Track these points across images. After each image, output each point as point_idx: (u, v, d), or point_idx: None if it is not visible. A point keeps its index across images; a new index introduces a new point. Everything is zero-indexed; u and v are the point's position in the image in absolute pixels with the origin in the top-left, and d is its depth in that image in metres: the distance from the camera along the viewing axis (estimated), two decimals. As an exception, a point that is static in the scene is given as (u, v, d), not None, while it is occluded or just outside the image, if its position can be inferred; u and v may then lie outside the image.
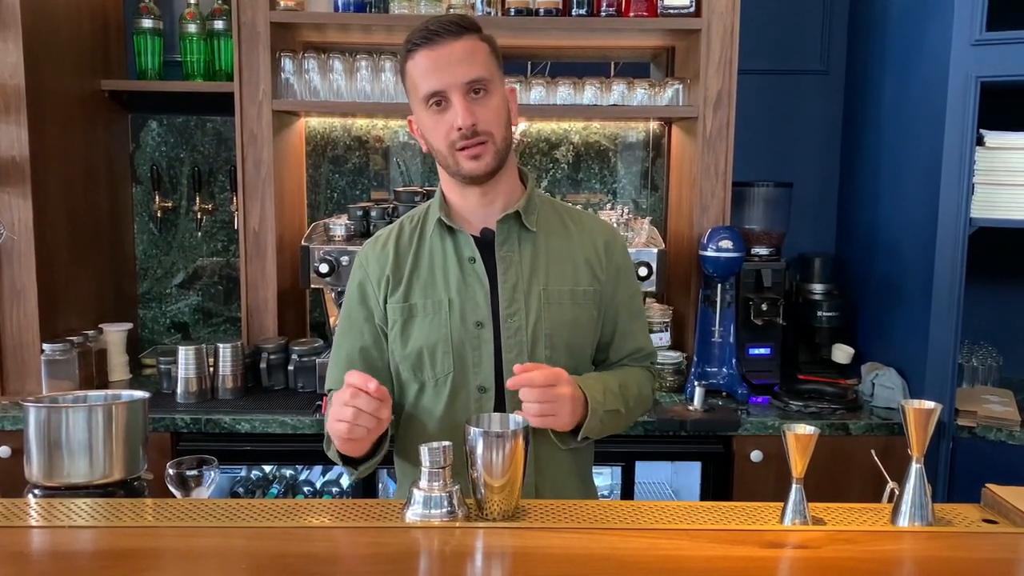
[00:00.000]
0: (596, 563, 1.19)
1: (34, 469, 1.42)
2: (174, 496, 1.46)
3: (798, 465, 1.31)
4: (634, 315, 1.74)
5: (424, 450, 1.30)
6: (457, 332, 1.58)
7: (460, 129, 1.50)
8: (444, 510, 1.30)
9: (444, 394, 1.59)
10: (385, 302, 1.63)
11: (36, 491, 1.44)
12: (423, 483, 1.31)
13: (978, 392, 2.60)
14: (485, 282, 1.59)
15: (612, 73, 3.16)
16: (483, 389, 1.59)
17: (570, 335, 1.63)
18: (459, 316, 1.59)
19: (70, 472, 1.42)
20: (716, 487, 2.46)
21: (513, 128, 1.62)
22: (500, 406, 1.58)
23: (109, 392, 1.57)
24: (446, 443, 1.31)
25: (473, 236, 1.62)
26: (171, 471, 1.45)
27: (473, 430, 1.31)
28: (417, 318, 1.60)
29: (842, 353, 2.82)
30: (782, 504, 1.34)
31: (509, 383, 1.45)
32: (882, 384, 2.54)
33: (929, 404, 1.31)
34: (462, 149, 1.52)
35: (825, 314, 2.84)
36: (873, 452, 1.54)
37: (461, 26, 1.52)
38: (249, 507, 1.37)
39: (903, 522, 1.32)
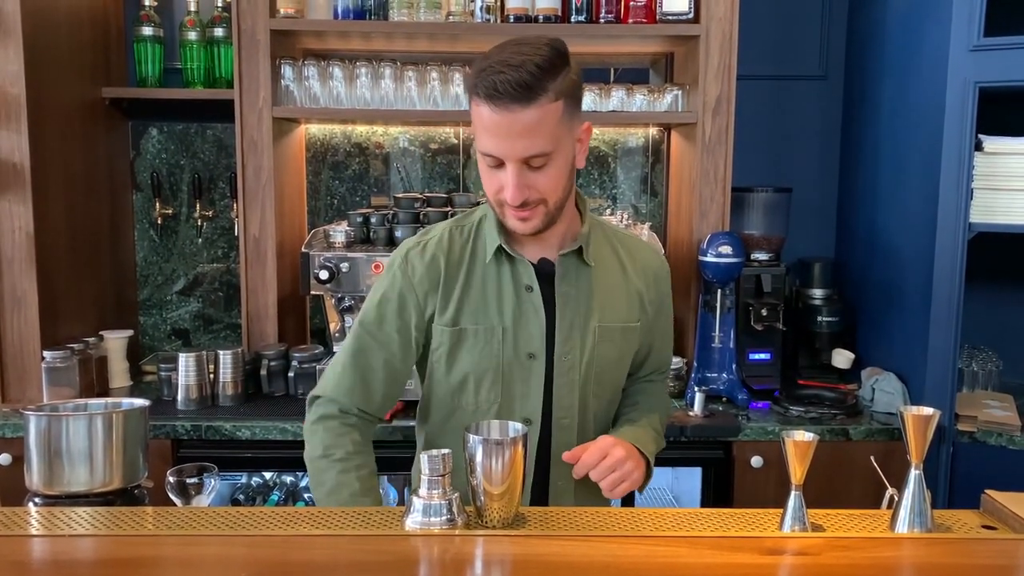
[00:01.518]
0: (596, 571, 1.19)
1: (34, 477, 1.42)
2: (174, 504, 1.46)
3: (797, 472, 1.31)
4: (667, 338, 1.75)
5: (424, 458, 1.30)
6: (508, 361, 1.54)
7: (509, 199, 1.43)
8: (444, 518, 1.30)
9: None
10: (431, 319, 1.55)
11: (36, 499, 1.44)
12: (423, 491, 1.31)
13: (978, 397, 2.60)
14: (541, 313, 1.54)
15: (611, 79, 3.17)
16: (528, 421, 1.55)
17: (614, 371, 1.64)
18: (512, 345, 1.54)
19: (70, 480, 1.42)
20: (717, 493, 2.46)
21: (578, 168, 1.54)
22: (545, 439, 1.58)
23: (109, 400, 1.57)
24: (445, 451, 1.31)
25: (532, 262, 1.55)
26: (171, 479, 1.45)
27: (472, 437, 1.31)
28: (466, 343, 1.54)
29: (842, 358, 2.82)
30: (781, 511, 1.34)
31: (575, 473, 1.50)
32: (882, 389, 2.54)
33: (928, 410, 1.31)
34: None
35: (825, 319, 2.84)
36: (872, 459, 1.54)
37: (531, 88, 1.35)
38: (250, 515, 1.37)
39: (902, 528, 1.32)
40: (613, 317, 1.59)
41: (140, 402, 1.52)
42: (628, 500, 2.50)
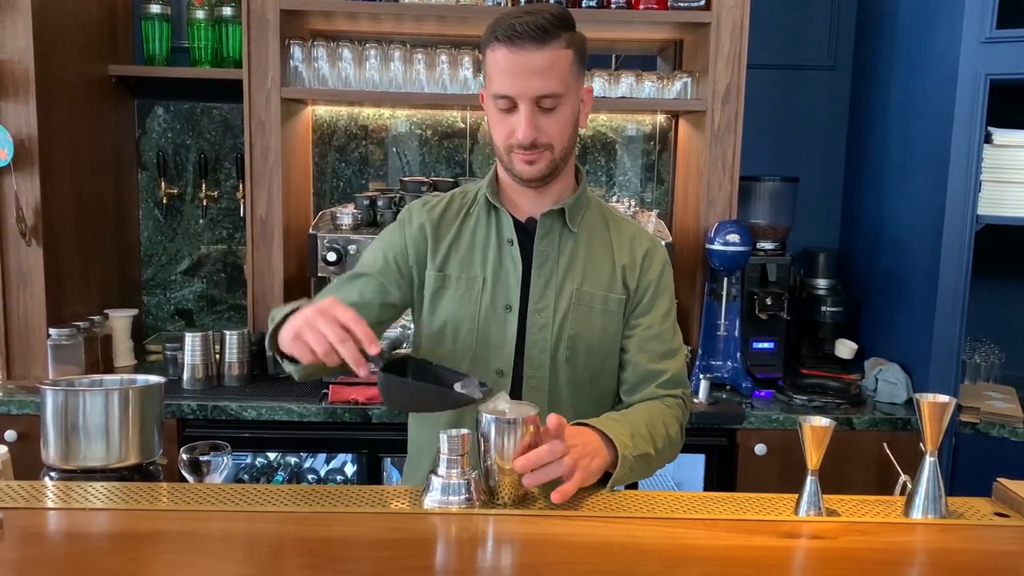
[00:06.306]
0: (615, 551, 1.20)
1: (51, 452, 1.42)
2: (186, 481, 1.46)
3: (813, 457, 1.32)
4: (667, 339, 1.65)
5: (443, 437, 1.31)
6: (485, 311, 1.59)
7: (520, 140, 1.49)
8: (462, 496, 1.31)
9: None
10: (424, 264, 1.62)
11: (52, 474, 1.44)
12: (441, 470, 1.32)
13: (980, 388, 2.62)
14: (519, 267, 1.59)
15: (614, 66, 3.16)
16: (501, 373, 1.59)
17: (596, 342, 1.61)
18: (490, 296, 1.59)
19: (87, 456, 1.42)
20: (720, 480, 2.47)
21: (581, 129, 1.61)
22: (516, 391, 1.59)
23: (125, 376, 1.57)
24: (464, 431, 1.32)
25: (518, 220, 1.62)
26: (184, 456, 1.45)
27: (486, 416, 1.31)
28: (448, 291, 1.61)
29: (845, 348, 2.84)
30: (796, 495, 1.35)
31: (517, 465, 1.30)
32: (885, 379, 2.55)
33: (943, 398, 1.33)
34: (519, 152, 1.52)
35: (829, 309, 2.85)
36: (885, 445, 1.55)
37: (547, 32, 1.45)
38: (266, 492, 1.37)
39: (917, 514, 1.33)
40: (594, 284, 1.61)
41: (155, 379, 1.51)
42: (630, 485, 2.52)
